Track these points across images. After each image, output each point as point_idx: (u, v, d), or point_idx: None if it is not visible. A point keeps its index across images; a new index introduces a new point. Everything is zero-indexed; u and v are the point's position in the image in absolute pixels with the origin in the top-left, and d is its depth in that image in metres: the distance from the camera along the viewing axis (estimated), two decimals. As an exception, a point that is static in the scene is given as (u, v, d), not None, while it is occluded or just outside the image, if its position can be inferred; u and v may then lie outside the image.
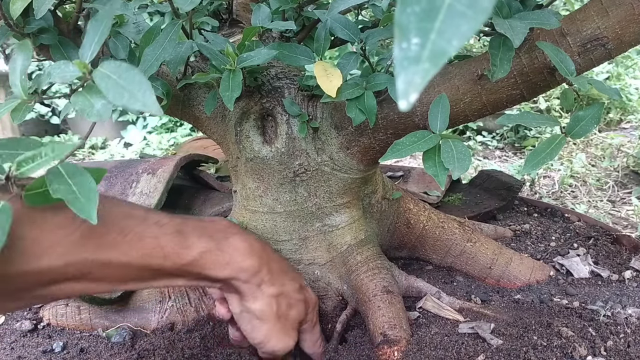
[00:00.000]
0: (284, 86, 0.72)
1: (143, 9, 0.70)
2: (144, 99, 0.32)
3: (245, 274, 0.55)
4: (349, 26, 0.61)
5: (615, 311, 0.68)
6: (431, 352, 0.61)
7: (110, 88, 0.33)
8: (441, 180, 0.52)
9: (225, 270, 0.54)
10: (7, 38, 0.60)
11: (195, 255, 0.51)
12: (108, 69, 0.34)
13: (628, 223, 1.45)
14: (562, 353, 0.59)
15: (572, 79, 0.53)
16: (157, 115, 0.39)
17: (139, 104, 0.32)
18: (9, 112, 0.45)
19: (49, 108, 2.80)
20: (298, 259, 0.76)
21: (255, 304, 0.57)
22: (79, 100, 0.36)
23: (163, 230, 0.50)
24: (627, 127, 2.25)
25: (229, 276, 0.54)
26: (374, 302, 0.68)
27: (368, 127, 0.66)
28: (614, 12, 0.54)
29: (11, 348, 0.72)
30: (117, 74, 0.33)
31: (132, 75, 0.33)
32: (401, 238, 0.85)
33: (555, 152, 0.51)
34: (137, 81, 0.33)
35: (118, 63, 0.34)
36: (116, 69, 0.34)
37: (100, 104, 0.36)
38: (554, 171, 1.82)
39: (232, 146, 0.74)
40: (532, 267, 0.80)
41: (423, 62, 0.14)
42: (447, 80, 0.61)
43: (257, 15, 0.62)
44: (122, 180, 0.94)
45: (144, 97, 0.32)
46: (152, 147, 2.52)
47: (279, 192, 0.73)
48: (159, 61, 0.54)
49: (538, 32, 0.57)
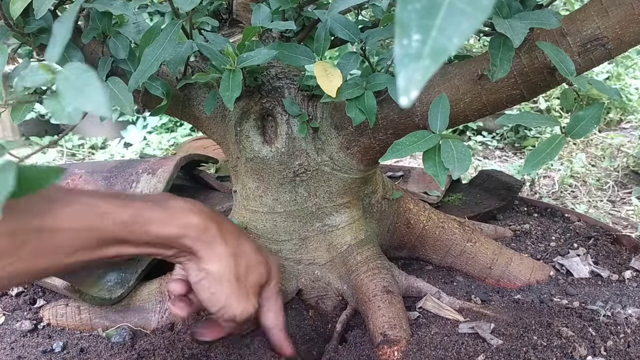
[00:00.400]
0: (284, 86, 0.72)
1: (143, 9, 0.70)
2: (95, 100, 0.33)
3: (194, 231, 0.54)
4: (349, 26, 0.61)
5: (615, 311, 0.68)
6: (431, 352, 0.61)
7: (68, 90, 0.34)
8: (441, 180, 0.52)
9: (170, 228, 0.52)
10: (7, 38, 0.60)
11: (133, 211, 0.50)
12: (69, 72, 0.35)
13: (628, 223, 1.45)
14: (562, 353, 0.59)
15: (572, 79, 0.53)
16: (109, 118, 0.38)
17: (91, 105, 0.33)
18: (9, 112, 0.45)
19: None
20: (298, 259, 0.76)
21: (212, 265, 0.55)
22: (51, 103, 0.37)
23: (98, 194, 0.50)
24: (627, 127, 2.26)
25: (176, 234, 0.53)
26: (374, 302, 0.68)
27: (368, 127, 0.66)
28: (614, 12, 0.54)
29: (11, 348, 0.72)
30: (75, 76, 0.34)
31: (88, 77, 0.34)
32: (401, 238, 0.85)
33: (555, 152, 0.51)
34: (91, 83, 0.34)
35: (78, 65, 0.35)
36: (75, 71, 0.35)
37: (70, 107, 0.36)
38: (554, 171, 1.82)
39: (232, 146, 0.74)
40: (532, 267, 0.80)
41: (424, 58, 0.14)
42: (447, 80, 0.61)
43: (257, 15, 0.62)
44: (122, 180, 0.94)
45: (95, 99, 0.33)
46: (152, 147, 2.52)
47: (279, 192, 0.73)
48: (159, 61, 0.54)
49: (538, 32, 0.57)
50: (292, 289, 0.76)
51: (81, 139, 2.60)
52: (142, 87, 0.64)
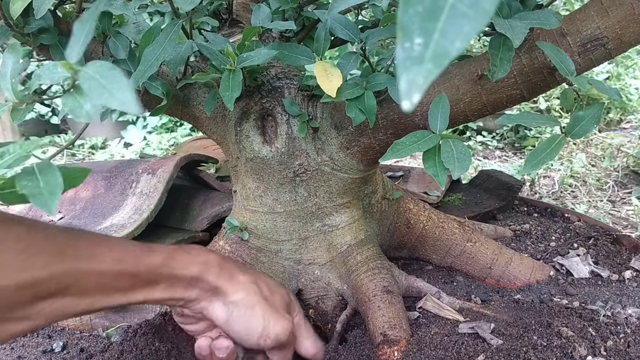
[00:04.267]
0: (284, 86, 0.72)
1: (143, 9, 0.70)
2: (122, 98, 0.33)
3: (214, 268, 0.55)
4: (349, 26, 0.61)
5: (615, 311, 0.68)
6: (431, 352, 0.61)
7: (92, 88, 0.34)
8: (441, 180, 0.52)
9: (193, 267, 0.54)
10: (7, 38, 0.60)
11: (163, 256, 0.53)
12: (92, 70, 0.35)
13: (628, 223, 1.45)
14: (562, 353, 0.59)
15: (572, 79, 0.53)
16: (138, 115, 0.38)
17: (117, 103, 0.33)
18: (9, 112, 0.45)
19: (49, 108, 2.79)
20: (298, 259, 0.76)
21: (238, 294, 0.56)
22: (69, 101, 0.37)
23: (128, 242, 0.53)
24: (627, 127, 2.26)
25: (198, 272, 0.54)
26: (374, 302, 0.68)
27: (368, 127, 0.66)
28: (614, 12, 0.54)
29: (11, 348, 0.72)
30: (99, 74, 0.34)
31: (114, 75, 0.34)
32: (401, 238, 0.85)
33: (555, 152, 0.51)
34: (117, 80, 0.33)
35: (101, 63, 0.35)
36: (99, 69, 0.34)
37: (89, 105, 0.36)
38: (554, 171, 1.82)
39: (232, 146, 0.74)
40: (532, 267, 0.80)
41: (426, 62, 0.14)
42: (447, 80, 0.61)
43: (257, 15, 0.62)
44: (122, 180, 0.94)
45: (122, 96, 0.33)
46: (152, 147, 2.52)
47: (279, 192, 0.73)
48: (159, 61, 0.54)
49: (538, 32, 0.57)
50: (292, 289, 0.76)
51: (81, 139, 2.60)
52: (142, 87, 0.64)
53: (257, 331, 0.56)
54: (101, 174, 0.97)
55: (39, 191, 0.36)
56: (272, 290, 0.59)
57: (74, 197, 0.96)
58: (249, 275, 0.58)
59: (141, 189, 0.89)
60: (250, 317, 0.56)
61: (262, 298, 0.57)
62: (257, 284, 0.58)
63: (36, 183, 0.37)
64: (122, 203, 0.90)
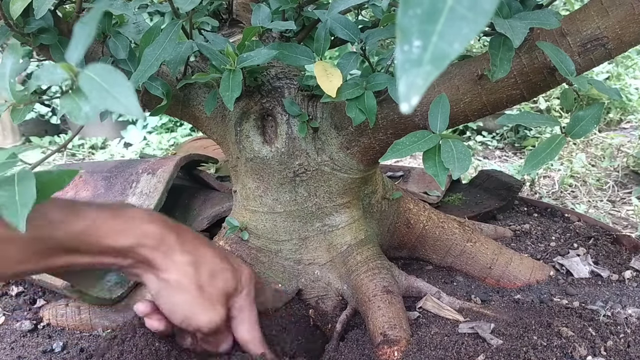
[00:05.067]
0: (284, 86, 0.72)
1: (143, 9, 0.70)
2: (126, 102, 0.32)
3: (150, 240, 0.53)
4: (349, 26, 0.61)
5: (615, 311, 0.68)
6: (431, 352, 0.61)
7: (94, 91, 0.34)
8: (441, 180, 0.52)
9: (125, 238, 0.51)
10: (7, 38, 0.60)
11: (86, 222, 0.49)
12: (93, 72, 0.34)
13: (628, 223, 1.45)
14: (562, 353, 0.59)
15: (572, 79, 0.53)
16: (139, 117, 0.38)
17: (121, 107, 0.32)
18: (9, 112, 0.45)
19: (49, 108, 2.79)
20: (298, 259, 0.76)
21: (171, 274, 0.53)
22: (67, 102, 0.37)
23: (52, 202, 0.49)
24: (627, 127, 2.25)
25: (131, 244, 0.51)
26: (374, 302, 0.68)
27: (368, 127, 0.66)
28: (614, 12, 0.54)
29: (11, 348, 0.72)
30: (101, 77, 0.34)
31: (116, 78, 0.33)
32: (401, 238, 0.85)
33: (555, 152, 0.51)
34: (120, 84, 0.33)
35: (103, 66, 0.34)
36: (101, 72, 0.34)
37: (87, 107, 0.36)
38: (554, 171, 1.82)
39: (232, 146, 0.74)
40: (532, 267, 0.80)
41: (425, 64, 0.14)
42: (447, 80, 0.61)
43: (257, 15, 0.62)
44: (122, 180, 0.94)
45: (126, 100, 0.32)
46: (152, 147, 2.52)
47: (279, 192, 0.73)
48: (159, 61, 0.54)
49: (538, 32, 0.57)
50: (292, 289, 0.76)
51: (81, 139, 2.60)
52: (142, 87, 0.64)
53: (179, 315, 0.55)
54: (101, 174, 0.97)
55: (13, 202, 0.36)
56: (213, 276, 0.56)
57: (74, 197, 0.96)
58: (188, 256, 0.55)
59: (141, 189, 0.89)
60: (176, 301, 0.55)
61: (194, 284, 0.55)
62: (196, 267, 0.55)
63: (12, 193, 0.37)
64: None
